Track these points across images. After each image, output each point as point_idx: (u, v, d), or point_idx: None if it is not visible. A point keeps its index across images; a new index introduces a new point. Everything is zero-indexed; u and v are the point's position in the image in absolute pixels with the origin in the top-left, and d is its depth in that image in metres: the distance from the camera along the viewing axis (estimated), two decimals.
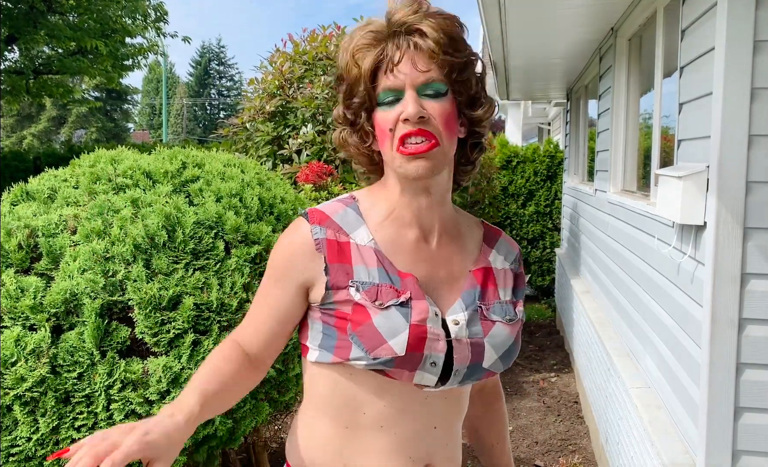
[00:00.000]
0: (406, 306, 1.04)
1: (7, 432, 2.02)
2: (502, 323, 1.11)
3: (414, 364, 1.03)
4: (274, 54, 5.20)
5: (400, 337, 1.02)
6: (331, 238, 1.08)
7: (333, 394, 1.10)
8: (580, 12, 3.71)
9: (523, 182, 7.91)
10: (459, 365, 1.06)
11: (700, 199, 2.10)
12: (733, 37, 1.94)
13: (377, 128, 1.07)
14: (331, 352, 1.07)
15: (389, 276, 1.07)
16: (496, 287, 1.16)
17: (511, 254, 1.22)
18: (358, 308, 1.04)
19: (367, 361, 1.03)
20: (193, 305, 2.17)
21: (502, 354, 1.10)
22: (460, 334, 1.07)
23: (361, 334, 1.03)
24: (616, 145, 4.02)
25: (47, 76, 11.84)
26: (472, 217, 1.26)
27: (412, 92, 1.03)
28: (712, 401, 2.01)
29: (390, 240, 1.10)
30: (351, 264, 1.07)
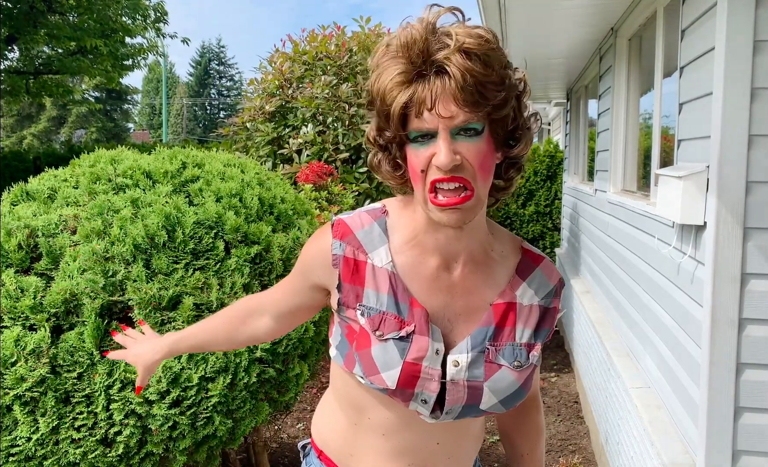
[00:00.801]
0: (405, 341, 1.03)
1: (7, 432, 2.02)
2: (508, 368, 1.06)
3: (405, 398, 1.04)
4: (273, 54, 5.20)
5: (392, 372, 1.02)
6: (348, 255, 1.07)
7: (345, 392, 1.15)
8: (580, 12, 3.71)
9: (523, 182, 7.91)
10: (451, 405, 1.05)
11: (700, 199, 2.10)
12: (733, 37, 1.94)
13: (409, 164, 1.01)
14: (343, 358, 1.11)
15: (397, 305, 1.05)
16: (514, 327, 1.08)
17: (545, 288, 1.12)
18: (362, 332, 1.06)
19: (365, 382, 1.06)
20: (193, 305, 2.17)
21: (503, 399, 1.06)
22: (458, 376, 1.04)
23: (360, 357, 1.06)
24: (616, 145, 4.02)
25: (47, 76, 11.85)
26: (514, 240, 1.16)
27: (445, 135, 0.94)
28: (712, 401, 2.01)
29: (409, 265, 1.07)
30: (363, 286, 1.06)
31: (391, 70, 0.96)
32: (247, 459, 3.08)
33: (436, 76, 0.93)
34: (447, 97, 0.92)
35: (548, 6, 3.53)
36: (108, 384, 2.04)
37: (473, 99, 0.93)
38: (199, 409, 2.15)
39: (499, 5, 3.45)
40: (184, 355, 2.14)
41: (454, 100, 0.92)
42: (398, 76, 0.95)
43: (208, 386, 2.16)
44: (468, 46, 0.92)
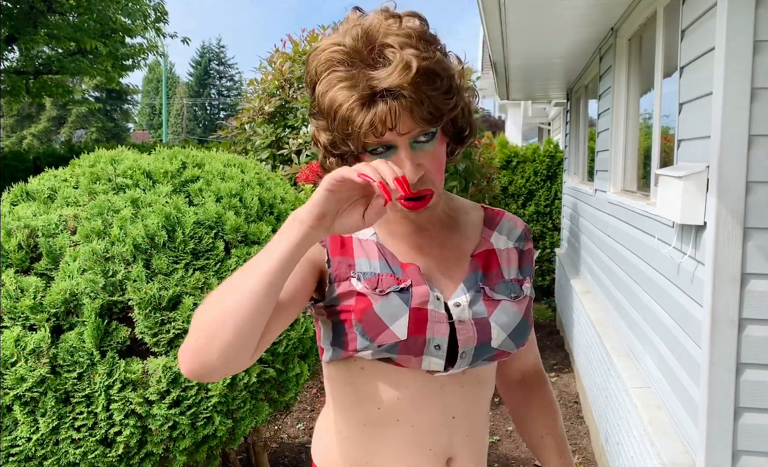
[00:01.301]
0: (406, 292, 1.05)
1: (7, 432, 2.02)
2: (507, 301, 1.10)
3: (418, 348, 1.03)
4: (273, 54, 5.20)
5: (400, 321, 1.02)
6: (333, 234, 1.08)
7: (347, 392, 1.11)
8: (580, 12, 3.71)
9: (523, 182, 7.91)
10: (464, 346, 1.06)
11: (700, 199, 2.10)
12: (733, 37, 1.94)
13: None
14: (341, 347, 1.08)
15: (390, 267, 1.08)
16: (500, 267, 1.14)
17: (515, 232, 1.20)
18: (360, 298, 1.05)
19: (373, 350, 1.03)
20: (193, 305, 2.17)
21: (511, 332, 1.09)
22: (463, 315, 1.06)
23: (363, 322, 1.03)
24: (616, 145, 4.02)
25: (47, 76, 11.85)
26: (470, 202, 1.24)
27: (406, 149, 1.00)
28: (712, 401, 2.01)
29: (388, 235, 1.12)
30: (353, 256, 1.09)
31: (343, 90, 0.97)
32: (247, 459, 3.08)
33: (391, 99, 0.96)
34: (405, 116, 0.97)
35: (548, 6, 3.53)
36: (108, 384, 2.04)
37: (429, 115, 0.99)
38: (199, 409, 2.15)
39: (499, 5, 3.45)
40: None
41: (411, 118, 0.98)
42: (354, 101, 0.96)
43: (208, 386, 2.16)
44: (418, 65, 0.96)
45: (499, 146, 7.93)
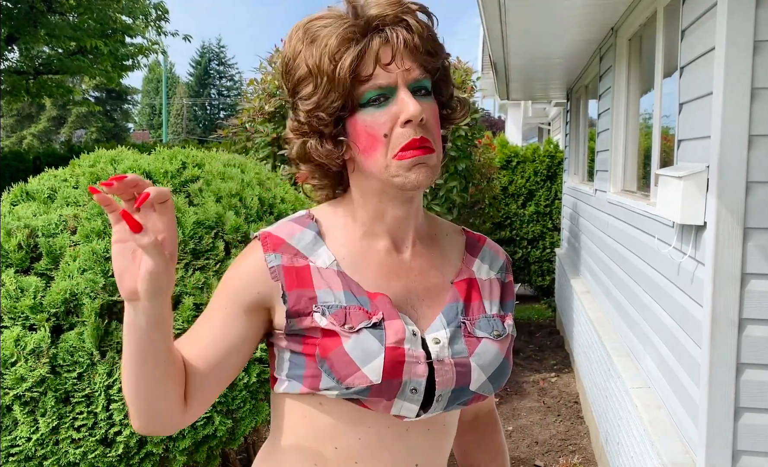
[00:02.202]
0: (379, 328, 0.92)
1: (7, 432, 2.02)
2: (489, 339, 0.99)
3: (392, 392, 0.92)
4: (273, 54, 5.20)
5: (374, 363, 0.90)
6: (287, 264, 0.96)
7: (301, 426, 0.99)
8: (580, 12, 3.71)
9: (523, 182, 7.91)
10: (442, 389, 0.94)
11: (700, 199, 2.10)
12: (733, 37, 1.94)
13: (363, 132, 0.93)
14: (300, 382, 0.96)
15: (356, 298, 0.95)
16: (481, 300, 1.04)
17: (497, 263, 1.11)
18: (327, 333, 0.93)
19: (339, 391, 0.92)
20: (193, 305, 2.17)
21: (491, 375, 0.99)
22: (442, 354, 0.95)
23: (331, 361, 0.92)
24: (616, 145, 4.02)
25: (47, 76, 11.85)
26: (451, 224, 1.13)
27: (405, 90, 0.91)
28: (712, 401, 2.01)
29: (355, 258, 0.99)
30: (313, 288, 0.95)
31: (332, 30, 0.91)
32: (247, 459, 3.08)
33: (390, 28, 0.91)
34: (402, 53, 0.91)
35: (548, 6, 3.53)
36: (108, 384, 2.04)
37: (427, 55, 0.93)
38: None
39: (499, 5, 3.45)
40: None
41: (410, 56, 0.92)
42: (347, 29, 0.90)
43: None
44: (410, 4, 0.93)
45: (499, 146, 7.93)
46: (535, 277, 7.97)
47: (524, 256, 7.95)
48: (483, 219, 5.83)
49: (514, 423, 4.25)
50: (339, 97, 0.92)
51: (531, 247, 7.96)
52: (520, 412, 4.43)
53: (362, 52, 0.91)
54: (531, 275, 7.99)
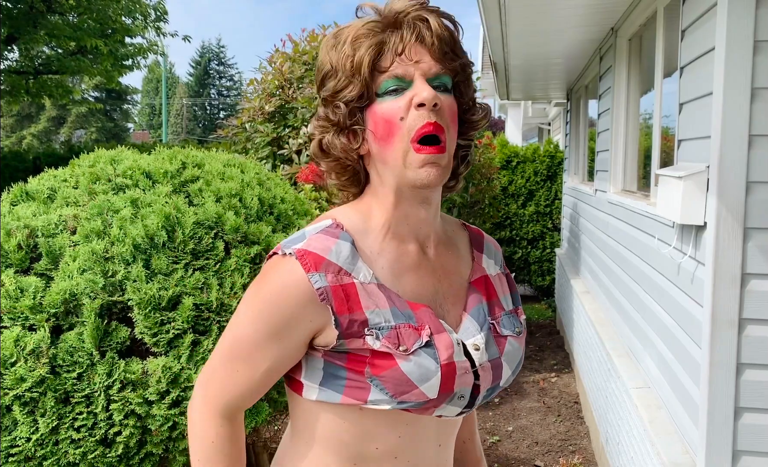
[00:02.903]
0: (430, 346, 0.95)
1: (7, 432, 2.01)
2: (513, 337, 1.07)
3: (442, 401, 0.96)
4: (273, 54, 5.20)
5: (432, 381, 0.94)
6: (334, 284, 0.94)
7: (339, 430, 1.00)
8: (580, 12, 3.71)
9: (523, 182, 7.91)
10: (484, 391, 1.01)
11: (700, 199, 2.10)
12: (733, 37, 1.94)
13: (381, 120, 0.95)
14: (339, 392, 0.96)
15: (402, 313, 0.97)
16: (498, 298, 1.10)
17: (498, 256, 1.17)
18: (378, 355, 0.94)
19: (392, 405, 0.94)
20: (193, 305, 2.17)
21: (514, 369, 1.06)
22: (482, 359, 1.00)
23: (385, 379, 0.94)
24: (616, 145, 4.02)
25: (47, 76, 11.85)
26: (452, 218, 1.18)
27: (423, 79, 0.94)
28: (712, 401, 2.01)
29: (390, 266, 1.00)
30: (362, 310, 0.95)
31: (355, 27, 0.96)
32: (247, 459, 3.08)
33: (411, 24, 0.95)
34: (421, 47, 0.95)
35: (548, 6, 3.53)
36: (108, 385, 2.04)
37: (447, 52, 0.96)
38: None
39: (499, 5, 3.45)
40: (184, 355, 2.14)
41: (430, 51, 0.95)
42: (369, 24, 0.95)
43: None
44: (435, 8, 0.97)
45: (499, 146, 7.93)
46: (535, 277, 7.97)
47: (524, 256, 7.95)
48: (483, 219, 5.83)
49: (514, 423, 4.25)
50: (357, 86, 0.95)
51: (531, 247, 7.96)
52: (520, 412, 4.43)
53: (381, 43, 0.94)
54: (531, 275, 7.99)
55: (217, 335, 2.22)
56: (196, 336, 2.19)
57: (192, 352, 2.16)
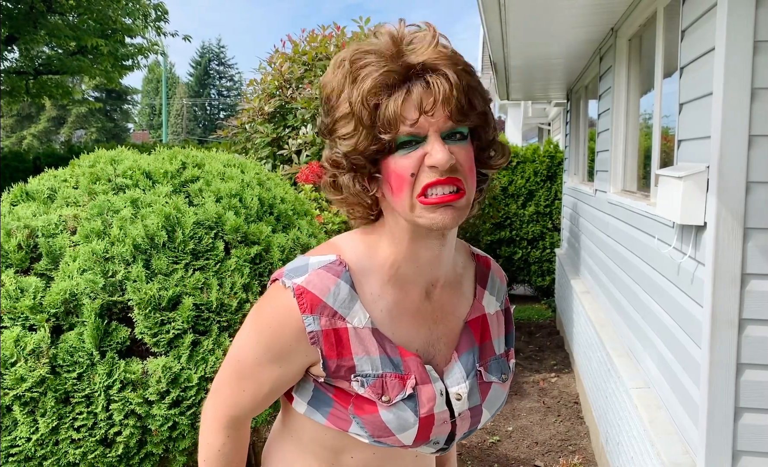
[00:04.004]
0: (413, 399, 0.99)
1: (7, 432, 2.02)
2: (498, 383, 1.09)
3: (417, 446, 1.02)
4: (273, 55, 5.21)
5: (409, 432, 0.99)
6: (326, 328, 0.97)
7: (319, 438, 1.06)
8: (580, 12, 3.71)
9: (523, 182, 7.91)
10: (459, 435, 1.06)
11: (700, 199, 2.10)
12: (733, 37, 1.94)
13: (392, 174, 0.93)
14: (324, 417, 1.02)
15: (391, 361, 0.99)
16: (491, 340, 1.11)
17: (501, 292, 1.17)
18: (361, 398, 0.99)
19: (370, 441, 1.00)
20: (193, 305, 2.17)
21: (494, 412, 1.10)
22: (463, 408, 1.04)
23: (365, 421, 0.99)
24: (616, 145, 4.02)
25: (47, 76, 11.85)
26: (464, 246, 1.16)
27: (437, 136, 0.91)
28: (712, 401, 2.01)
29: (389, 309, 1.01)
30: (351, 356, 0.98)
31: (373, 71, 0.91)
32: (247, 458, 3.08)
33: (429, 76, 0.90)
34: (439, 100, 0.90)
35: (548, 6, 3.53)
36: (108, 385, 2.04)
37: (463, 105, 0.92)
38: (198, 409, 2.15)
39: (499, 5, 3.45)
40: (184, 355, 2.14)
41: (445, 103, 0.90)
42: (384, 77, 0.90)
43: (207, 386, 2.16)
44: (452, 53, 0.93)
45: None
46: (535, 277, 7.97)
47: (524, 256, 7.95)
48: (483, 219, 5.83)
49: (514, 423, 4.25)
50: (376, 143, 0.92)
51: (531, 247, 7.96)
52: (520, 412, 4.43)
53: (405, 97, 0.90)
54: (531, 276, 7.99)
55: (217, 336, 2.22)
56: (196, 336, 2.19)
57: (192, 352, 2.16)
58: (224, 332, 2.24)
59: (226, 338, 2.23)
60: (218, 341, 2.21)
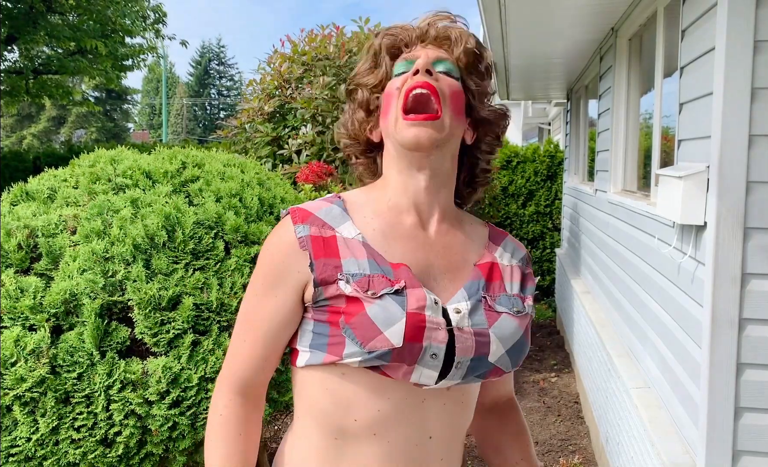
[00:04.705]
0: (401, 294, 0.97)
1: (7, 432, 2.01)
2: (509, 314, 1.04)
3: (413, 357, 0.96)
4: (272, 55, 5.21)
5: (396, 327, 0.94)
6: (315, 234, 1.02)
7: (322, 398, 1.03)
8: (580, 12, 3.71)
9: (523, 182, 7.91)
10: (461, 356, 0.98)
11: (700, 199, 2.10)
12: (733, 37, 1.94)
13: (386, 95, 1.07)
14: (323, 350, 1.00)
15: (380, 268, 1.00)
16: (502, 281, 1.09)
17: (519, 253, 1.17)
18: (350, 301, 0.97)
19: (362, 356, 0.95)
20: (193, 305, 2.17)
21: (509, 348, 1.03)
22: (462, 323, 0.99)
23: (354, 326, 0.96)
24: (617, 145, 4.02)
25: (47, 76, 11.85)
26: (477, 218, 1.20)
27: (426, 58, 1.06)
28: (712, 401, 2.01)
29: (382, 230, 1.05)
30: (339, 258, 1.01)
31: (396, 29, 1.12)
32: None
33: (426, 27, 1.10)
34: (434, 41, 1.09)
35: (548, 6, 3.53)
36: (108, 385, 2.04)
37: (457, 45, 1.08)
38: (199, 409, 2.15)
39: (499, 5, 3.45)
40: (184, 355, 2.13)
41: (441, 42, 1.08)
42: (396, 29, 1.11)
43: (207, 386, 2.16)
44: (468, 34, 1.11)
45: None
46: (535, 277, 7.96)
47: None
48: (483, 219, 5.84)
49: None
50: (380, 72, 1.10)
51: (531, 247, 7.95)
52: None
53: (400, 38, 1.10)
54: None
55: (217, 335, 2.22)
56: (196, 336, 2.19)
57: (192, 352, 2.16)
58: (224, 332, 2.24)
59: (226, 338, 2.23)
60: (218, 341, 2.21)
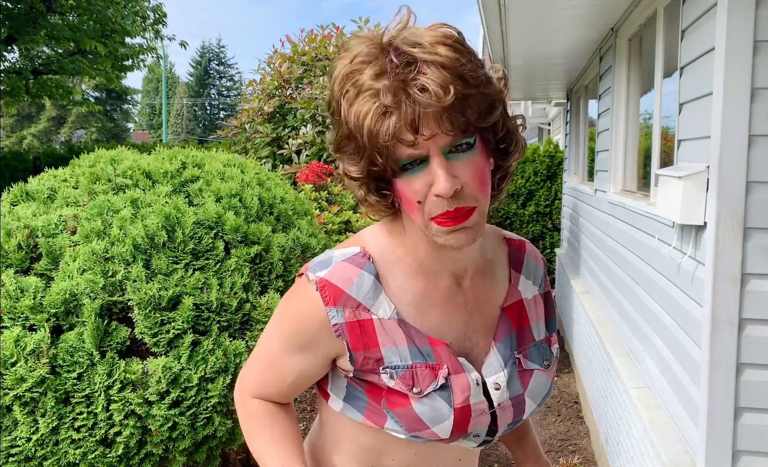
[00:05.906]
0: (446, 389, 0.95)
1: (7, 432, 2.01)
2: (540, 370, 1.04)
3: (456, 440, 0.98)
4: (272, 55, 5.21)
5: (444, 424, 0.95)
6: (351, 320, 0.95)
7: (357, 439, 1.04)
8: (580, 12, 3.71)
9: (523, 182, 7.91)
10: (502, 428, 1.01)
11: (700, 199, 2.10)
12: (733, 37, 1.94)
13: (402, 196, 0.92)
14: (360, 413, 1.00)
15: (420, 352, 0.96)
16: (529, 325, 1.07)
17: (538, 273, 1.12)
18: (393, 391, 0.96)
19: (406, 436, 0.97)
20: (193, 305, 2.17)
21: (540, 401, 1.05)
22: (502, 398, 0.99)
23: (399, 415, 0.96)
24: (616, 145, 4.02)
25: (47, 76, 11.85)
26: (495, 231, 1.12)
27: (439, 159, 0.87)
28: (712, 401, 2.01)
29: (416, 301, 0.98)
30: (378, 347, 0.95)
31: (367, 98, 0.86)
32: (247, 459, 3.08)
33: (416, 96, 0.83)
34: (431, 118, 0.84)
35: (548, 6, 3.53)
36: (108, 385, 2.04)
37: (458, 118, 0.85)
38: (198, 410, 2.15)
39: (499, 5, 3.45)
40: (184, 355, 2.13)
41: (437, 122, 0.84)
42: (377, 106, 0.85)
43: (207, 386, 2.16)
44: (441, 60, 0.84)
45: None
46: None
47: None
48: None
49: None
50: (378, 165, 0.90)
51: None
52: None
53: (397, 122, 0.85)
54: None
55: (217, 336, 2.22)
56: (196, 336, 2.19)
57: (192, 352, 2.16)
58: (224, 332, 2.24)
59: (225, 338, 2.23)
60: (218, 342, 2.21)
